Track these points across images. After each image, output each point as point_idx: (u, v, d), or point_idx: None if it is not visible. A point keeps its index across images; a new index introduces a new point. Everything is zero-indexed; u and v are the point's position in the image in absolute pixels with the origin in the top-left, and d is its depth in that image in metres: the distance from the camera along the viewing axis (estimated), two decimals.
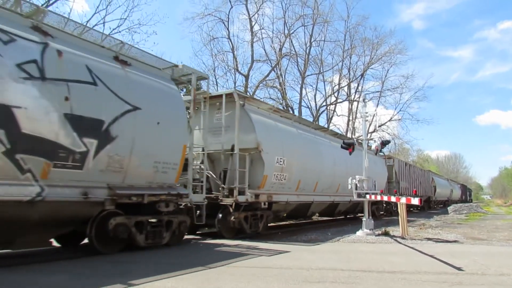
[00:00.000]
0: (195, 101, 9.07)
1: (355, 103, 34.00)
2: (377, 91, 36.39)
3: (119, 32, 19.02)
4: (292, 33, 29.79)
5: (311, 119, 28.20)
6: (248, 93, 25.71)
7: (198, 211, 8.84)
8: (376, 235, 10.83)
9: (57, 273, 5.44)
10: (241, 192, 9.63)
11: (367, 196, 11.25)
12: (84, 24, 10.82)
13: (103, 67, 6.88)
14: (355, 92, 34.97)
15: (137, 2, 24.12)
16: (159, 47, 62.72)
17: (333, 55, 33.72)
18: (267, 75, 28.81)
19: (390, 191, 20.79)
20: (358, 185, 11.39)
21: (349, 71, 34.07)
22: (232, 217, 9.53)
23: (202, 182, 9.14)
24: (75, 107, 6.13)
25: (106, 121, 6.61)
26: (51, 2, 16.41)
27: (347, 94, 34.76)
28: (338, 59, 33.16)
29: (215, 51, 28.01)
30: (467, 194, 62.20)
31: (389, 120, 36.70)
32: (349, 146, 11.79)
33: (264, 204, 10.51)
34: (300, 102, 30.53)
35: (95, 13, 18.17)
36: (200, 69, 26.83)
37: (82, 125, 6.23)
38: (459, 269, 5.93)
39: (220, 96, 10.18)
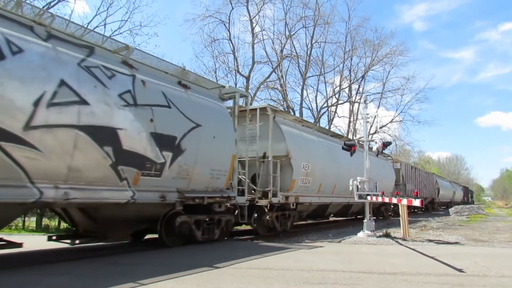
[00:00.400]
0: (238, 116, 10.29)
1: (356, 105, 34.03)
2: (378, 93, 36.46)
3: (120, 34, 19.08)
4: (293, 34, 29.86)
5: (312, 120, 28.21)
6: (249, 95, 25.73)
7: (236, 211, 10.13)
8: (377, 237, 10.82)
9: (58, 274, 5.44)
10: (273, 195, 10.81)
11: (368, 197, 11.25)
12: (85, 26, 10.85)
13: (172, 91, 8.24)
14: (356, 94, 35.00)
15: (138, 4, 24.11)
16: (160, 49, 62.80)
17: (334, 57, 33.84)
18: (268, 77, 28.86)
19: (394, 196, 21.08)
20: (359, 186, 11.41)
21: (350, 73, 34.12)
22: (267, 216, 11.01)
23: (243, 186, 10.37)
24: (157, 126, 7.50)
25: (178, 137, 7.99)
26: (52, 4, 16.45)
27: (348, 95, 34.80)
28: (339, 60, 33.23)
29: (216, 53, 28.11)
30: (468, 196, 63.28)
31: (390, 122, 36.73)
32: (350, 147, 11.89)
33: (292, 205, 11.89)
34: (301, 103, 30.56)
35: (96, 14, 18.23)
36: (201, 71, 26.92)
37: (162, 141, 7.59)
38: (460, 270, 5.92)
39: (254, 109, 11.44)
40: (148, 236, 9.78)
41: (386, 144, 12.80)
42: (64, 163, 6.04)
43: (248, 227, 11.93)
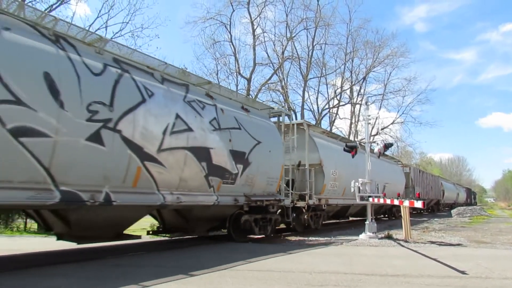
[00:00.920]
0: (284, 132, 12.10)
1: (357, 106, 34.01)
2: (380, 94, 36.41)
3: (122, 36, 19.13)
4: (294, 36, 29.88)
5: (313, 122, 28.20)
6: (250, 96, 25.75)
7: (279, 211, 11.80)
8: (379, 238, 10.79)
9: (58, 276, 5.44)
10: (309, 197, 12.51)
11: (370, 199, 11.23)
12: (87, 28, 10.87)
13: (240, 115, 10.08)
14: (358, 95, 35.00)
15: (139, 6, 24.12)
16: (162, 51, 62.96)
17: (335, 58, 33.80)
18: (270, 78, 28.88)
19: (407, 195, 23.24)
20: (361, 188, 11.40)
21: (351, 74, 34.13)
22: (305, 216, 12.86)
23: (288, 190, 11.81)
24: (234, 145, 9.34)
25: (246, 152, 9.79)
26: (54, 7, 16.51)
27: (349, 97, 34.79)
28: (341, 62, 33.26)
29: (217, 55, 28.14)
30: (471, 197, 64.14)
31: (392, 123, 36.70)
32: (351, 149, 11.98)
33: (324, 206, 13.66)
34: (303, 105, 30.57)
35: (97, 17, 18.29)
36: (202, 73, 26.98)
37: (236, 156, 9.39)
38: (462, 272, 5.89)
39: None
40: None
41: (387, 146, 12.78)
42: (177, 175, 7.86)
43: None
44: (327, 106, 33.06)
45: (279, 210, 11.61)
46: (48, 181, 5.68)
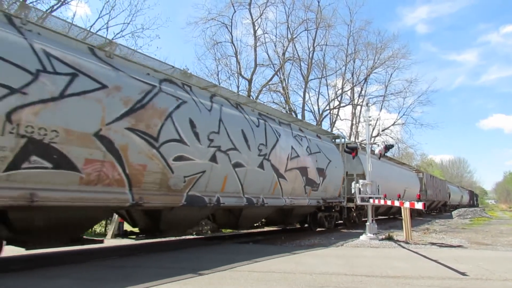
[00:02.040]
0: (343, 152, 15.50)
1: (358, 107, 34.01)
2: (381, 95, 36.34)
3: (123, 36, 19.17)
4: (295, 37, 29.84)
5: (314, 123, 28.21)
6: (251, 97, 25.77)
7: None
8: (379, 240, 10.80)
9: (60, 277, 5.45)
10: (353, 200, 14.51)
11: (371, 200, 11.24)
12: (88, 29, 10.87)
13: (318, 142, 13.65)
14: (359, 96, 34.95)
15: (140, 7, 24.19)
16: (162, 51, 62.98)
17: (336, 60, 33.76)
18: (270, 79, 28.85)
19: (421, 198, 25.41)
20: (361, 189, 11.44)
21: (352, 75, 34.10)
22: (354, 214, 16.46)
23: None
24: (318, 164, 12.94)
25: (324, 168, 13.30)
26: (55, 8, 16.54)
27: (350, 98, 34.75)
28: (341, 63, 33.21)
29: (218, 56, 28.11)
30: (474, 199, 66.41)
31: (393, 124, 36.65)
32: (352, 150, 12.15)
33: (366, 206, 15.39)
34: (303, 106, 30.55)
35: (98, 17, 18.34)
36: (203, 74, 27.04)
37: (319, 171, 12.95)
38: (463, 274, 5.90)
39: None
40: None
41: (388, 147, 12.84)
42: (291, 186, 11.41)
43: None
44: (327, 107, 33.06)
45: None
46: (241, 192, 9.45)
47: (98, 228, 12.47)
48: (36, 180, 5.51)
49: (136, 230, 8.61)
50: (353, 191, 12.03)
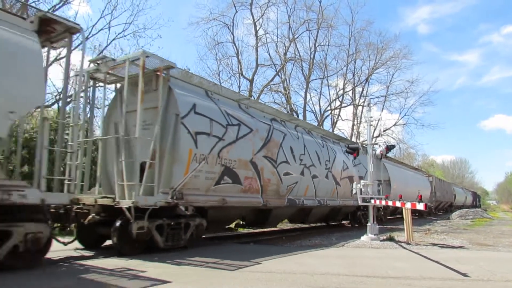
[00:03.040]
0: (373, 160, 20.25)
1: (359, 108, 33.97)
2: (382, 96, 36.30)
3: (124, 36, 19.17)
4: (297, 37, 29.84)
5: (315, 124, 28.19)
6: (252, 98, 25.77)
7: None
8: (380, 240, 10.77)
9: (63, 277, 5.45)
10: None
11: (372, 200, 11.22)
12: (90, 28, 10.88)
13: (359, 156, 15.34)
14: (360, 97, 34.93)
15: (142, 7, 24.16)
16: (164, 51, 63.05)
17: (337, 60, 33.74)
18: (272, 80, 28.85)
19: (430, 199, 29.31)
20: (362, 190, 11.42)
21: (353, 76, 34.06)
22: (382, 213, 19.04)
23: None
24: (359, 173, 16.24)
25: (363, 176, 15.97)
26: (57, 7, 16.57)
27: (351, 98, 34.71)
28: (343, 63, 33.17)
29: (219, 56, 28.14)
30: (476, 200, 69.02)
31: (394, 125, 36.60)
32: (353, 150, 12.14)
33: (390, 207, 17.51)
34: (305, 106, 30.54)
35: (100, 17, 18.35)
36: (205, 74, 27.08)
37: (360, 178, 15.29)
38: (464, 275, 5.88)
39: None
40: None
41: (389, 148, 12.83)
42: (343, 191, 14.60)
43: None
44: (329, 108, 33.03)
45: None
46: (315, 196, 13.05)
47: None
48: (225, 191, 9.20)
49: None
50: (354, 191, 11.97)
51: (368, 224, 11.26)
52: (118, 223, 7.20)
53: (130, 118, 8.28)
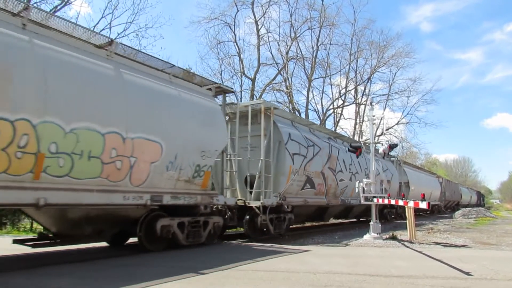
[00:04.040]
0: (397, 167, 23.26)
1: (362, 106, 33.92)
2: (385, 94, 36.29)
3: (126, 36, 19.20)
4: (299, 36, 29.84)
5: (318, 122, 28.16)
6: (254, 97, 25.78)
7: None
8: (383, 239, 10.77)
9: (64, 276, 5.47)
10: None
11: (375, 199, 11.21)
12: (92, 28, 10.91)
13: (386, 162, 20.25)
14: (362, 95, 34.90)
15: (143, 6, 24.21)
16: (166, 50, 63.13)
17: (340, 58, 33.74)
18: (274, 79, 28.85)
19: (440, 199, 33.07)
20: (365, 188, 11.42)
21: (356, 74, 34.02)
22: (399, 210, 20.98)
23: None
24: (387, 177, 18.57)
25: (390, 180, 19.08)
26: (58, 8, 16.61)
27: (354, 97, 34.68)
28: (345, 62, 33.15)
29: (221, 55, 28.15)
30: (481, 199, 71.04)
31: (397, 124, 36.59)
32: (355, 149, 12.13)
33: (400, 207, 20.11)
34: (307, 105, 30.53)
35: (101, 17, 18.37)
36: (206, 73, 27.08)
37: (388, 182, 17.53)
38: (467, 274, 5.87)
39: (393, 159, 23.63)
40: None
41: (392, 146, 12.83)
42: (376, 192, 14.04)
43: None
44: (331, 107, 33.00)
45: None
46: (357, 196, 12.72)
47: None
48: (306, 194, 12.47)
49: None
50: (356, 190, 11.97)
51: (371, 223, 11.25)
52: (247, 217, 10.52)
53: (240, 141, 11.06)
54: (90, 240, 7.07)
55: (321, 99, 32.90)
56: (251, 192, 10.77)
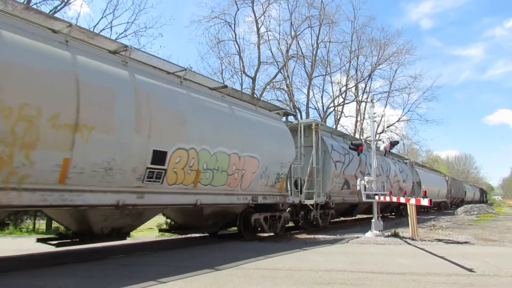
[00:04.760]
0: (411, 167, 25.63)
1: (363, 104, 33.85)
2: (385, 92, 36.19)
3: (126, 36, 19.19)
4: (299, 34, 29.74)
5: (319, 119, 28.08)
6: (255, 95, 25.74)
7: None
8: (385, 236, 10.75)
9: (65, 276, 5.48)
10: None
11: (376, 197, 11.20)
12: (92, 29, 10.91)
13: (402, 164, 23.26)
14: (363, 93, 34.81)
15: (144, 6, 24.13)
16: (166, 50, 63.05)
17: (340, 56, 33.64)
18: (274, 77, 28.77)
19: (447, 195, 35.22)
20: (366, 186, 11.42)
21: (356, 72, 33.94)
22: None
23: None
24: (402, 177, 21.88)
25: (405, 179, 22.19)
26: (58, 8, 16.61)
27: (354, 95, 34.61)
28: (345, 60, 33.06)
29: (221, 54, 28.09)
30: (483, 196, 73.08)
31: (398, 121, 36.49)
32: (357, 147, 12.17)
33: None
34: (308, 103, 30.46)
35: (102, 17, 18.35)
36: (207, 72, 27.11)
37: (403, 181, 21.80)
38: (470, 270, 5.86)
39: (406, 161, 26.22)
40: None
41: (393, 144, 12.83)
42: (395, 191, 17.88)
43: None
44: (332, 104, 32.95)
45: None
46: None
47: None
48: (343, 193, 15.02)
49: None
50: (358, 188, 11.98)
51: (372, 220, 11.24)
52: (302, 213, 12.94)
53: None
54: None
55: (322, 97, 32.88)
56: (301, 192, 12.72)
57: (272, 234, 11.06)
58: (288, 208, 11.97)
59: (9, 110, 5.06)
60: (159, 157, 7.06)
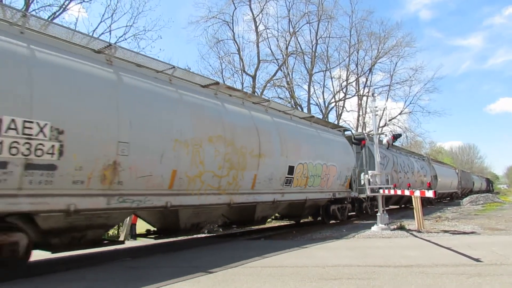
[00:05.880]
0: (429, 163, 28.85)
1: (364, 98, 33.74)
2: (386, 85, 35.99)
3: (125, 39, 19.22)
4: (297, 31, 29.61)
5: (320, 116, 28.07)
6: (256, 94, 25.75)
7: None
8: (391, 230, 10.75)
9: (74, 281, 5.51)
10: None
11: (380, 190, 11.20)
12: (91, 33, 10.93)
13: (421, 162, 26.51)
14: (364, 87, 34.65)
15: (142, 9, 24.18)
16: (165, 52, 63.04)
17: (339, 51, 33.50)
18: (274, 75, 28.70)
19: (458, 186, 37.96)
20: (371, 180, 11.43)
21: (356, 66, 33.78)
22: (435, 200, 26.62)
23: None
24: (422, 172, 24.88)
25: (425, 174, 25.33)
26: (57, 14, 16.64)
27: (355, 89, 34.48)
28: (345, 54, 32.91)
29: (221, 53, 28.04)
30: (490, 185, 74.86)
31: (400, 114, 36.31)
32: (359, 141, 12.20)
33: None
34: (309, 100, 30.36)
35: (100, 21, 18.36)
36: (207, 72, 27.13)
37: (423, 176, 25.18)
38: (477, 260, 5.86)
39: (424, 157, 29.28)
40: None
41: (396, 137, 12.83)
42: (416, 186, 20.80)
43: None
44: (333, 100, 32.85)
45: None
46: (406, 188, 13.27)
47: (111, 231, 12.50)
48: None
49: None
50: (362, 182, 12.00)
51: (378, 214, 11.24)
52: (356, 204, 16.34)
53: None
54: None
55: (323, 92, 32.76)
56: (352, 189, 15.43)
57: (338, 220, 14.45)
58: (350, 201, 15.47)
59: (238, 150, 8.88)
60: (290, 170, 10.74)
